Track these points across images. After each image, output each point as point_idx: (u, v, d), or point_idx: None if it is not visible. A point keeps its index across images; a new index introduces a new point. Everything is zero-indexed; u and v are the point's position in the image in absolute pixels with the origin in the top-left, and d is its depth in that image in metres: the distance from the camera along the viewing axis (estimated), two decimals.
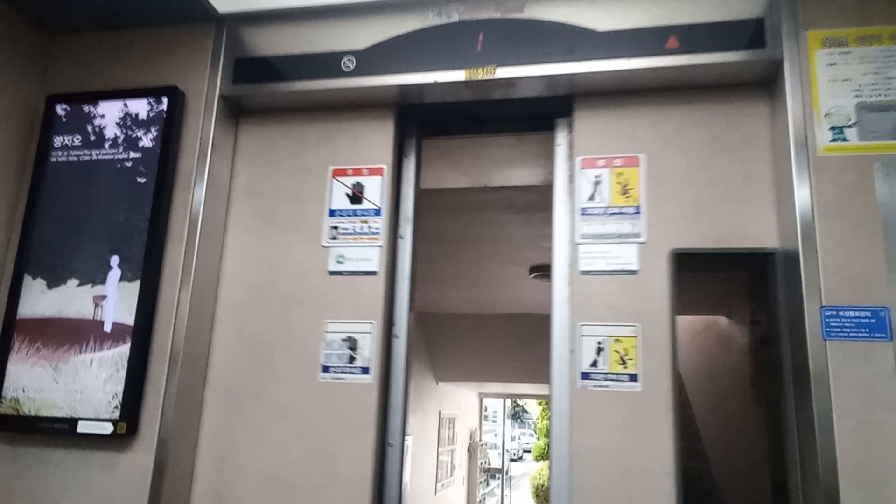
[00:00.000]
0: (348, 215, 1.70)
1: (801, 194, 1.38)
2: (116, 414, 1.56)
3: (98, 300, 1.65)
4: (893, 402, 1.26)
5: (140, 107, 1.74)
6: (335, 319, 1.64)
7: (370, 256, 1.65)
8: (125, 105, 1.75)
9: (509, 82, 1.61)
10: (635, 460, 1.43)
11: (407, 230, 1.74)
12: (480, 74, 1.59)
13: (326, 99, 1.75)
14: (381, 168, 1.71)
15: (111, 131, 1.74)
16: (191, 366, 1.64)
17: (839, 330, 1.31)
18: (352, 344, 1.62)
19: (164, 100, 1.72)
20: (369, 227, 1.67)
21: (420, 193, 1.79)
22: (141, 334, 1.61)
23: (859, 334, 1.30)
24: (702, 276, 1.53)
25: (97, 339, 1.62)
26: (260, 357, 1.67)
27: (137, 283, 1.63)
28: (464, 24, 1.63)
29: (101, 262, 1.67)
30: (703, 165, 1.55)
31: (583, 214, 1.59)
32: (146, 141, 1.71)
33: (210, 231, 1.73)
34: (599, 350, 1.51)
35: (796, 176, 1.39)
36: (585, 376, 1.50)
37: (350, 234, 1.68)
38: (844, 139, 1.38)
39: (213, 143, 1.72)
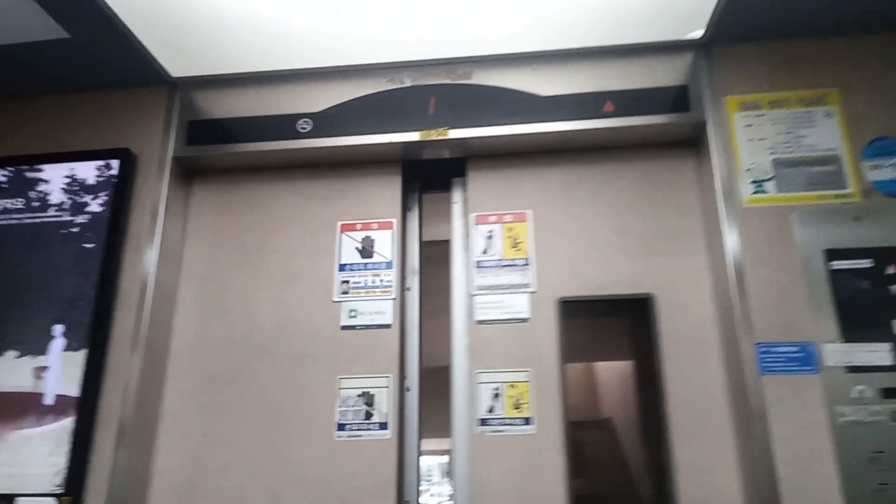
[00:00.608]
0: (360, 269, 1.71)
1: (731, 242, 1.52)
2: (59, 489, 1.48)
3: (39, 372, 1.58)
4: (825, 430, 1.37)
5: (88, 171, 1.71)
6: (350, 375, 1.63)
7: (384, 309, 1.67)
8: (73, 169, 1.72)
9: (461, 142, 1.70)
10: (531, 501, 1.50)
11: (414, 282, 1.78)
12: (434, 135, 1.67)
13: (283, 159, 1.78)
14: (391, 222, 1.75)
15: (57, 196, 1.70)
16: (140, 434, 1.59)
17: (773, 365, 1.43)
18: (368, 399, 1.60)
19: (115, 163, 1.70)
20: (381, 281, 1.69)
21: (423, 246, 1.83)
22: (87, 405, 1.54)
23: (791, 368, 1.42)
24: (600, 322, 1.65)
25: (38, 412, 1.54)
26: (270, 417, 1.63)
27: (84, 353, 1.57)
28: (416, 89, 1.72)
29: (42, 332, 1.60)
30: (585, 219, 1.70)
31: (478, 267, 1.68)
32: (94, 206, 1.68)
33: (163, 294, 1.70)
34: (496, 396, 1.58)
35: (726, 225, 1.53)
36: (483, 422, 1.57)
37: (362, 287, 1.69)
38: (764, 191, 1.54)
39: (166, 205, 1.71)
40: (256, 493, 1.57)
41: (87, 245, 1.65)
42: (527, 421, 1.55)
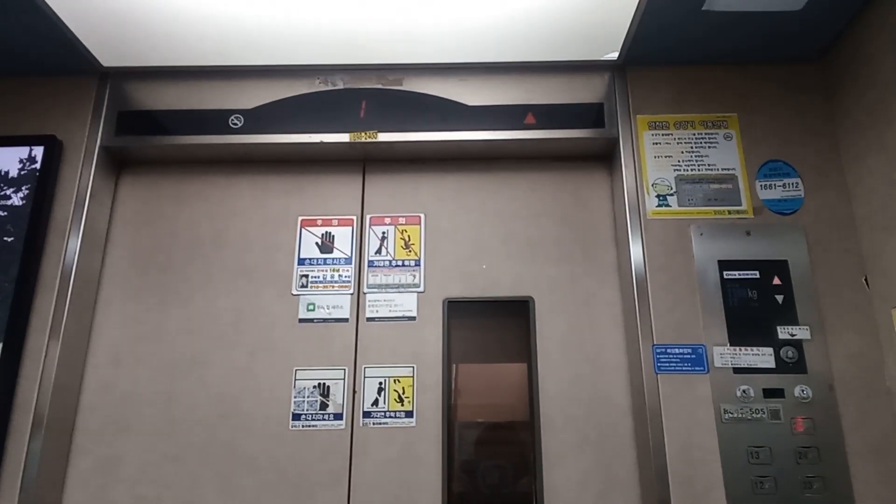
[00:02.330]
0: (319, 264, 1.75)
1: (635, 251, 1.63)
2: None
3: None
4: (709, 424, 1.50)
5: (11, 163, 1.69)
6: (306, 367, 1.67)
7: (341, 304, 1.71)
8: None
9: (389, 146, 1.76)
10: (407, 490, 1.59)
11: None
12: (363, 138, 1.73)
13: (216, 154, 1.81)
14: (351, 219, 1.79)
15: None
16: (58, 421, 1.59)
17: (668, 365, 1.55)
18: (323, 391, 1.65)
19: (39, 155, 1.69)
20: (340, 276, 1.73)
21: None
22: (3, 394, 1.52)
23: (683, 368, 1.54)
24: (484, 322, 1.74)
25: None
26: (225, 406, 1.65)
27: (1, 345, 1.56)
28: (348, 92, 1.77)
29: None
30: (474, 225, 1.80)
31: (370, 266, 1.76)
32: (16, 199, 1.66)
33: (86, 282, 1.70)
34: (380, 390, 1.66)
35: (631, 235, 1.64)
36: (367, 415, 1.64)
37: (320, 282, 1.73)
38: (668, 205, 1.66)
39: (91, 193, 1.71)
40: (209, 481, 1.60)
41: (7, 239, 1.64)
42: (409, 414, 1.64)
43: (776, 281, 1.60)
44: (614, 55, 1.73)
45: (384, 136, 1.74)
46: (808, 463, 1.48)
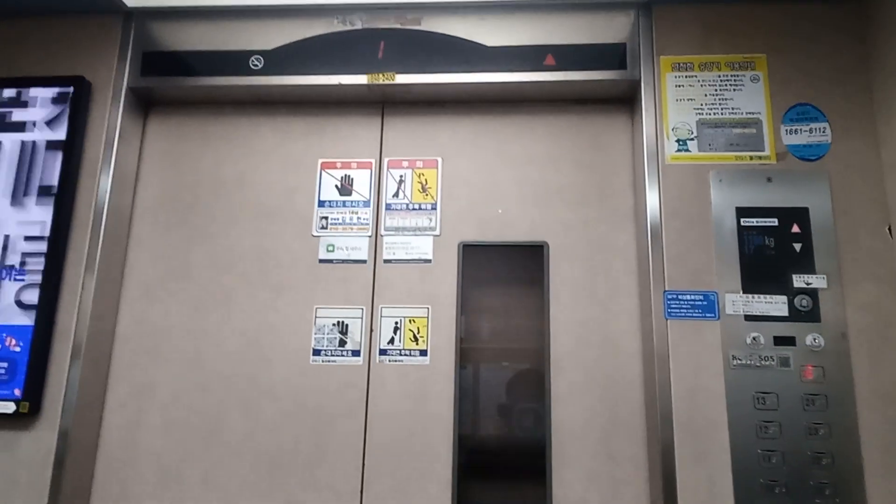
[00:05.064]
0: (338, 206, 1.80)
1: (652, 196, 1.62)
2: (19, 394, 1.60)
3: None
4: (717, 369, 1.52)
5: (43, 103, 1.76)
6: (326, 305, 1.74)
7: (360, 246, 1.77)
8: (28, 94, 1.76)
9: (407, 88, 1.76)
10: (421, 423, 1.66)
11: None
12: (381, 80, 1.73)
13: (239, 95, 1.84)
14: (370, 162, 1.83)
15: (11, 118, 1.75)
16: (95, 349, 1.70)
17: (678, 311, 1.56)
18: (342, 328, 1.73)
19: (70, 90, 1.74)
20: (358, 218, 1.78)
21: None
22: (44, 322, 1.63)
23: (694, 314, 1.55)
24: (498, 265, 1.77)
25: None
26: (249, 341, 1.74)
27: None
28: (366, 32, 1.76)
29: None
30: (490, 169, 1.81)
31: (387, 209, 1.78)
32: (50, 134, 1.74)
33: (117, 221, 1.78)
34: (396, 329, 1.71)
35: (648, 180, 1.63)
36: (383, 352, 1.70)
37: (340, 224, 1.79)
38: (687, 150, 1.64)
39: (120, 134, 1.76)
40: (233, 407, 1.71)
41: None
42: (423, 352, 1.69)
43: (795, 229, 1.58)
44: None
45: (402, 78, 1.73)
46: (816, 409, 1.49)
